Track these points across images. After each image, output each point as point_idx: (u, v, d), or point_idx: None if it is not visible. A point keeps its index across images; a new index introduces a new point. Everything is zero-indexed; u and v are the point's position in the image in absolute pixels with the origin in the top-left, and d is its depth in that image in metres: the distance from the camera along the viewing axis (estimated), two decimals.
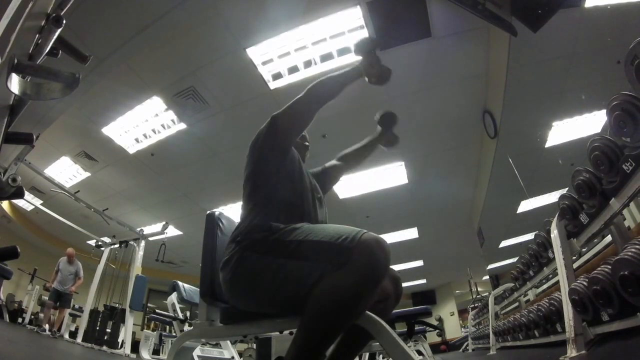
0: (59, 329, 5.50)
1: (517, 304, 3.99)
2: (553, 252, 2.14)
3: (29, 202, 6.15)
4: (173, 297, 3.62)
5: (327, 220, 1.23)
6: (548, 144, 4.41)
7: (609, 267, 1.48)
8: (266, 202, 1.06)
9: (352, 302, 0.79)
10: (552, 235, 2.08)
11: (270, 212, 1.03)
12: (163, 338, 4.55)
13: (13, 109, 0.74)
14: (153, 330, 6.00)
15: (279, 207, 1.05)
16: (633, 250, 1.35)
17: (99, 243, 6.12)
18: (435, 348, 7.00)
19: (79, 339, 4.99)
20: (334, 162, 1.46)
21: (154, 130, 4.45)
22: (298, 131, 1.15)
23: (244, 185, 1.14)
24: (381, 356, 3.57)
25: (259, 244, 0.95)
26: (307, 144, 1.37)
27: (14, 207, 6.96)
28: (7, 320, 6.27)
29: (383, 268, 0.80)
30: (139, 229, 5.87)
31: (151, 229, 6.33)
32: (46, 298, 6.05)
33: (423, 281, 11.27)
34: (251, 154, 1.14)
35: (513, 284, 3.51)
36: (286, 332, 1.02)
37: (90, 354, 3.94)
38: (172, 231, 6.58)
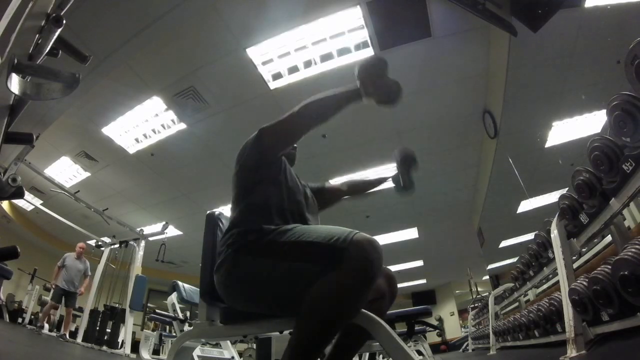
0: (59, 329, 5.48)
1: (517, 304, 3.99)
2: (553, 252, 2.14)
3: (29, 202, 6.16)
4: (173, 297, 3.62)
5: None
6: (548, 144, 4.42)
7: (609, 267, 1.48)
8: (256, 204, 1.05)
9: (346, 301, 0.80)
10: (552, 235, 2.08)
11: (261, 214, 1.02)
12: (163, 338, 4.55)
13: (13, 109, 0.74)
14: (153, 330, 5.99)
15: (269, 209, 1.04)
16: (633, 250, 1.35)
17: (99, 243, 6.12)
18: (435, 348, 7.00)
19: (79, 339, 4.99)
20: (335, 185, 1.45)
21: (154, 130, 4.46)
22: (282, 149, 1.10)
23: (232, 187, 1.13)
24: (381, 356, 3.57)
25: (252, 246, 0.95)
26: (294, 145, 1.33)
27: (14, 207, 6.96)
28: (7, 320, 6.26)
29: (376, 267, 0.81)
30: (139, 229, 5.87)
31: (151, 229, 6.33)
32: (47, 298, 6.01)
33: (423, 281, 11.28)
34: (237, 160, 1.12)
35: (513, 284, 3.50)
36: (286, 332, 1.02)
37: (90, 354, 3.95)
38: (172, 231, 6.58)
